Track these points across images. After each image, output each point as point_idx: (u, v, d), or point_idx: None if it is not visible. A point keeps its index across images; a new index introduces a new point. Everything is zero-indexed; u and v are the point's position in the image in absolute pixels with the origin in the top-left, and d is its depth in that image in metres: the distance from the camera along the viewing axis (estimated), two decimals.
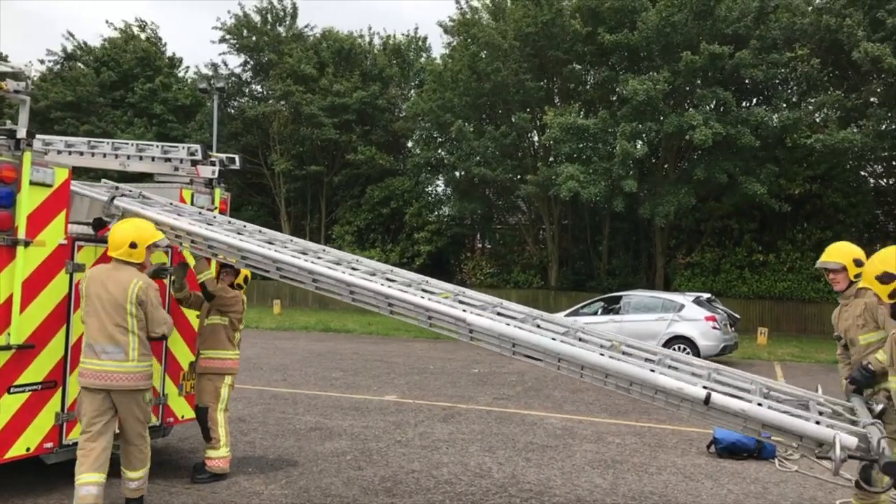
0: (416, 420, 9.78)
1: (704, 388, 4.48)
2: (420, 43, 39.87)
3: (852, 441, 3.99)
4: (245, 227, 6.60)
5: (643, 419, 10.44)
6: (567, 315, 18.33)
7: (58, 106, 37.51)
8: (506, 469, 7.41)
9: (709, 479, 7.30)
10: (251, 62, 38.27)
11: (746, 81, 26.37)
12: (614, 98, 28.51)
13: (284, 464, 7.24)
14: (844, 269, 5.21)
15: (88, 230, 6.31)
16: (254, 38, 37.32)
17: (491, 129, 29.18)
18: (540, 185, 27.59)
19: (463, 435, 8.91)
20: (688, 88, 26.03)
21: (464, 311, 5.05)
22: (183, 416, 7.08)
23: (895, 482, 3.98)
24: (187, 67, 44.28)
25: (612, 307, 18.03)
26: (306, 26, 39.01)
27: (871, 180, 29.12)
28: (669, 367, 5.02)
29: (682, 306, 17.04)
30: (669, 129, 24.36)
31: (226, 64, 38.71)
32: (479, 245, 36.94)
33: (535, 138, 31.53)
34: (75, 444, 6.08)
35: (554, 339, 4.89)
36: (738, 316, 19.26)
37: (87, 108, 38.52)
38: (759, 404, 4.34)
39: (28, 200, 5.68)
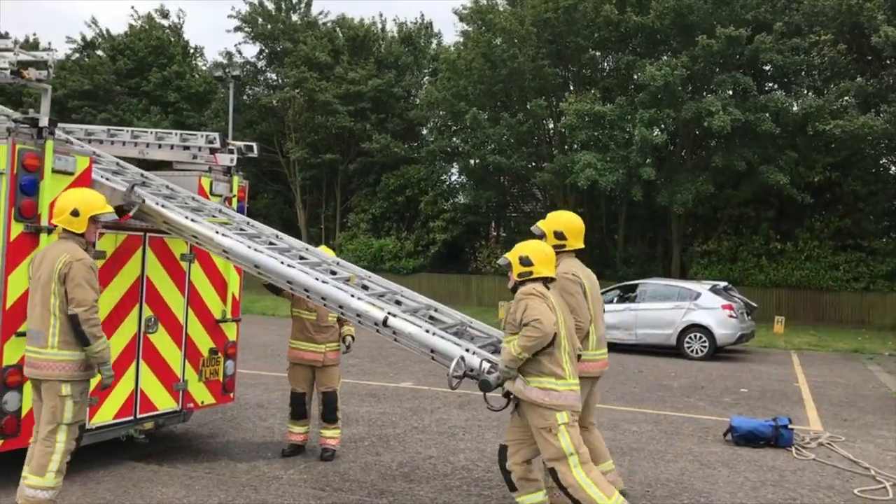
0: (433, 406, 9.83)
1: (390, 314, 5.32)
2: (427, 30, 39.73)
3: (462, 366, 4.87)
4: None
5: (659, 407, 10.45)
6: None
7: (75, 94, 37.72)
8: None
9: (725, 466, 7.30)
10: (266, 50, 38.30)
11: (766, 67, 26.06)
12: (631, 85, 28.28)
13: (303, 449, 7.30)
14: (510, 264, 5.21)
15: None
16: (269, 27, 37.32)
17: (506, 117, 29.05)
18: (556, 174, 27.46)
19: (479, 422, 8.95)
20: (706, 73, 25.76)
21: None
22: (203, 402, 7.17)
23: (508, 403, 5.02)
24: (202, 54, 44.20)
25: (628, 295, 17.98)
26: (320, 13, 38.98)
27: (893, 168, 28.77)
28: (397, 302, 5.89)
29: (699, 295, 16.95)
30: (687, 115, 24.14)
31: (241, 53, 38.80)
32: (495, 233, 36.86)
33: (551, 126, 31.38)
34: (98, 428, 6.22)
35: (318, 279, 5.66)
36: (755, 304, 19.13)
37: (104, 96, 38.74)
38: (427, 331, 5.22)
39: (50, 188, 5.74)
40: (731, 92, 25.17)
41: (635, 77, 27.14)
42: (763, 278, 27.44)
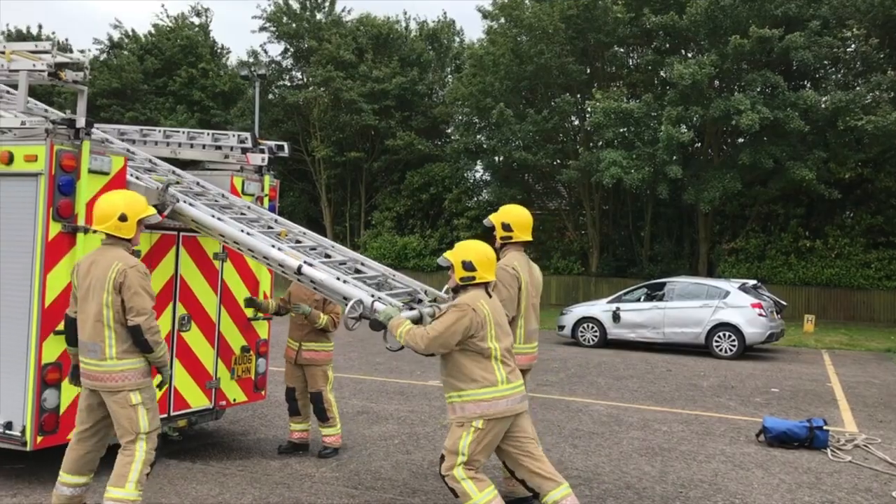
0: None
1: (305, 262, 5.58)
2: (450, 27, 39.72)
3: (357, 308, 5.08)
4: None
5: (689, 407, 10.35)
6: (609, 302, 18.23)
7: (104, 93, 38.20)
8: (552, 455, 7.39)
9: (759, 468, 7.21)
10: (291, 49, 38.51)
11: (795, 64, 25.69)
12: (657, 82, 28.04)
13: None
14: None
15: None
16: (293, 25, 37.52)
17: (532, 114, 28.93)
18: (581, 171, 27.32)
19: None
20: (735, 71, 25.44)
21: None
22: (235, 400, 7.23)
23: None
24: (229, 54, 44.58)
25: (655, 294, 17.84)
26: (343, 10, 39.11)
27: None
28: (357, 270, 6.05)
29: (728, 293, 16.78)
30: (716, 113, 23.87)
31: (266, 52, 39.05)
32: None
33: (577, 122, 31.21)
34: None
35: (243, 231, 5.95)
36: (784, 303, 18.91)
37: (132, 95, 39.20)
38: (338, 278, 5.47)
39: (87, 188, 5.81)
40: (759, 90, 24.85)
41: (661, 74, 26.90)
42: (792, 276, 27.08)
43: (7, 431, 5.61)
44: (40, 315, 5.55)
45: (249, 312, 7.26)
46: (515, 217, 5.84)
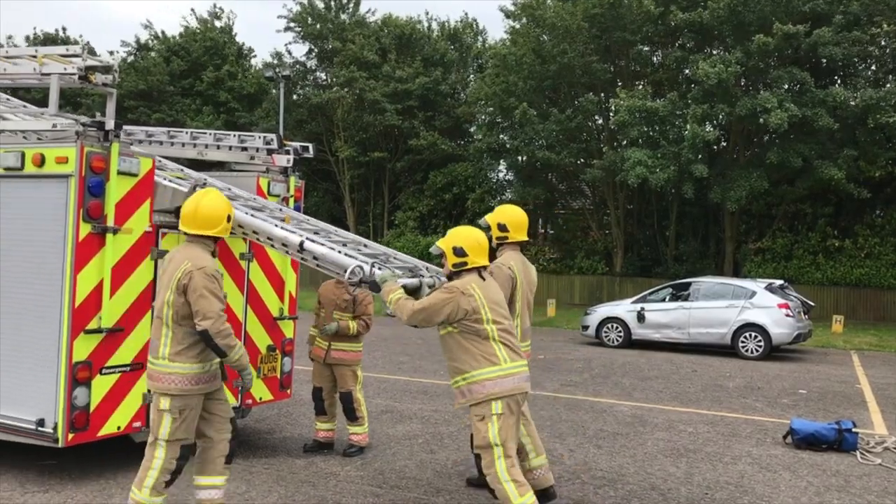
0: None
1: (307, 239, 5.73)
2: (473, 27, 39.72)
3: (358, 271, 5.17)
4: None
5: (715, 408, 10.27)
6: (634, 302, 18.13)
7: (131, 95, 38.68)
8: (577, 456, 7.39)
9: (787, 470, 7.14)
10: (315, 50, 38.74)
11: (824, 61, 25.34)
12: (682, 80, 27.81)
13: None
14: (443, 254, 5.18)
15: (172, 218, 6.51)
16: (318, 26, 37.74)
17: (555, 113, 28.85)
18: (606, 170, 27.18)
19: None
20: (761, 69, 25.14)
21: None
22: (261, 399, 7.29)
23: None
24: (254, 56, 45.01)
25: (680, 294, 17.70)
26: (368, 11, 39.28)
27: None
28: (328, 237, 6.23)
29: (754, 293, 16.61)
30: (742, 111, 23.61)
31: (290, 53, 39.31)
32: (542, 230, 36.66)
33: (601, 121, 31.05)
34: None
35: (247, 211, 6.16)
36: (812, 303, 18.67)
37: (159, 96, 39.66)
38: (339, 252, 5.59)
39: (116, 189, 5.90)
40: (787, 87, 24.54)
41: (686, 72, 26.68)
42: (820, 276, 26.72)
43: (39, 428, 5.71)
44: (71, 314, 5.65)
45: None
46: (511, 217, 5.90)
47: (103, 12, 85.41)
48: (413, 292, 5.10)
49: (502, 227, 5.84)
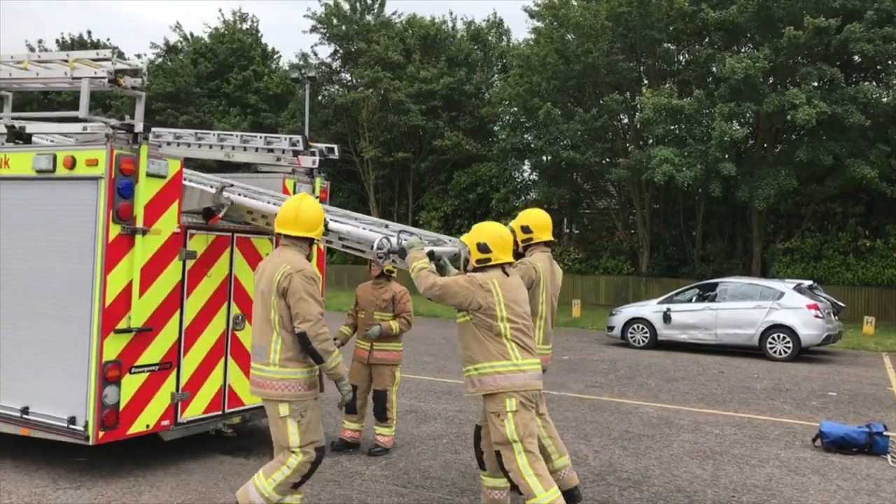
0: None
1: (332, 219, 5.82)
2: (499, 27, 39.66)
3: (385, 243, 5.32)
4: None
5: (742, 409, 10.16)
6: (660, 302, 17.99)
7: (159, 97, 39.16)
8: (602, 457, 7.36)
9: (815, 473, 7.04)
10: (340, 51, 38.94)
11: (855, 57, 24.94)
12: (709, 78, 27.53)
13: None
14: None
15: (199, 219, 6.59)
16: (343, 27, 37.94)
17: (580, 112, 28.72)
18: (631, 169, 26.98)
19: (556, 422, 8.81)
20: (790, 65, 24.81)
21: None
22: None
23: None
24: (279, 57, 45.31)
25: (707, 294, 17.54)
26: (394, 13, 39.44)
27: None
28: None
29: (783, 294, 16.40)
30: (769, 108, 23.31)
31: (316, 54, 39.57)
32: (567, 230, 36.51)
33: (626, 121, 30.84)
34: (190, 422, 6.45)
35: (269, 202, 6.38)
36: (842, 304, 18.39)
37: (186, 98, 40.11)
38: (364, 228, 5.82)
39: (145, 191, 5.99)
40: (816, 84, 24.19)
41: (713, 70, 26.41)
42: (850, 277, 26.31)
43: (71, 426, 5.81)
44: (101, 314, 5.74)
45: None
46: (534, 218, 5.94)
47: (131, 14, 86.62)
48: (440, 269, 5.24)
49: (526, 229, 5.86)
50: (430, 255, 5.16)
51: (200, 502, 5.61)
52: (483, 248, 4.92)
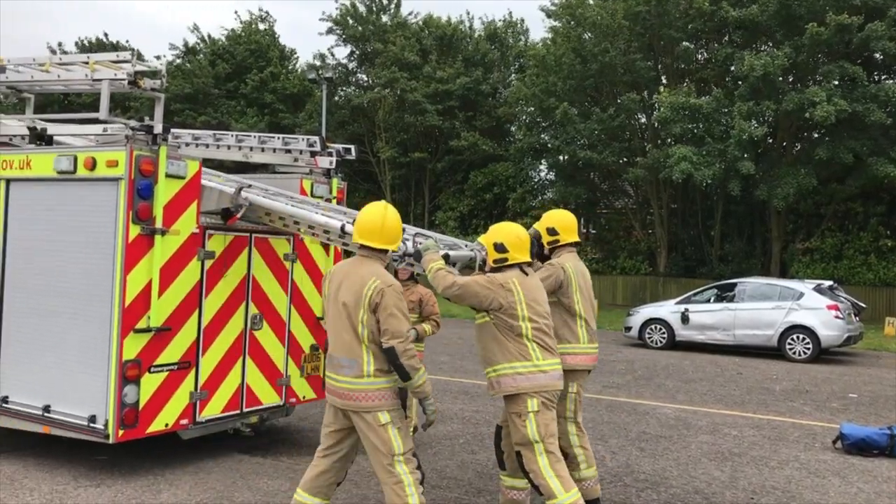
0: None
1: (346, 222, 5.80)
2: (518, 26, 39.60)
3: (400, 246, 5.10)
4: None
5: (761, 411, 10.08)
6: (678, 303, 17.88)
7: (177, 98, 39.43)
8: (619, 458, 7.33)
9: (836, 475, 6.98)
10: (357, 52, 39.05)
11: (877, 55, 24.65)
12: (728, 77, 27.34)
13: None
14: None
15: (217, 219, 6.63)
16: (359, 28, 38.04)
17: (597, 112, 28.61)
18: (649, 168, 26.83)
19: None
20: (810, 63, 24.56)
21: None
22: (304, 397, 7.40)
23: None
24: (297, 58, 45.52)
25: (725, 295, 17.41)
26: (410, 13, 39.50)
27: None
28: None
29: (802, 294, 16.25)
30: (789, 107, 23.10)
31: (333, 55, 39.69)
32: (584, 230, 36.38)
33: (644, 120, 30.70)
34: (208, 421, 6.50)
35: (287, 203, 6.44)
36: (863, 305, 18.19)
37: (204, 99, 40.37)
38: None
39: (164, 192, 6.04)
40: (836, 82, 23.93)
41: (732, 68, 26.22)
42: (872, 277, 26.00)
43: (91, 424, 5.88)
44: (121, 314, 5.80)
45: None
46: (559, 219, 5.83)
47: (146, 15, 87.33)
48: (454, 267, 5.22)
49: (552, 231, 5.75)
50: (446, 258, 5.15)
51: (218, 501, 5.64)
52: (500, 247, 4.90)
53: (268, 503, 5.64)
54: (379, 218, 4.63)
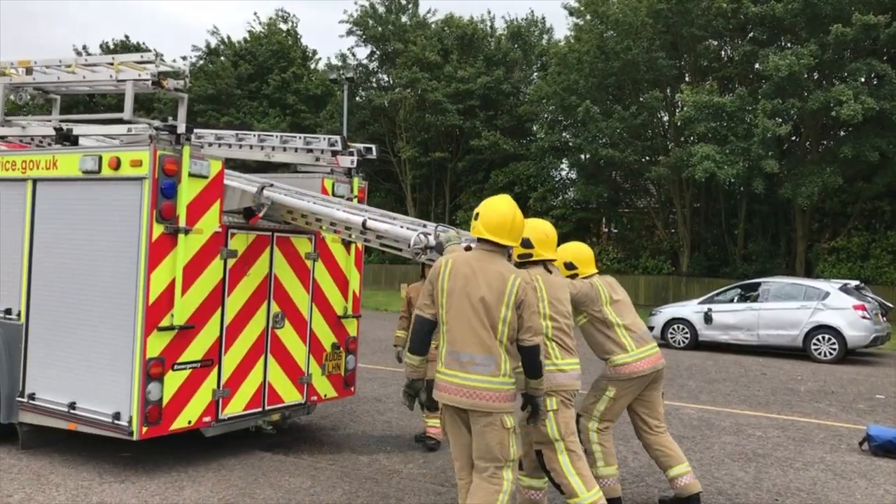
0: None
1: (369, 218, 6.02)
2: (541, 24, 39.50)
3: (421, 239, 5.48)
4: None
5: (785, 412, 9.96)
6: (701, 302, 17.73)
7: (200, 99, 39.80)
8: (641, 458, 7.27)
9: (862, 478, 6.87)
10: (377, 52, 39.16)
11: None
12: (752, 74, 27.05)
13: (420, 444, 7.43)
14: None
15: (240, 218, 6.68)
16: (379, 29, 38.15)
17: (619, 110, 28.45)
18: (672, 167, 26.62)
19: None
20: (836, 61, 24.22)
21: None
22: (326, 395, 7.43)
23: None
24: (318, 58, 45.80)
25: (749, 294, 17.23)
26: (428, 12, 39.55)
27: None
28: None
29: (828, 294, 16.03)
30: (814, 105, 22.80)
31: (353, 55, 39.84)
32: (606, 230, 36.19)
33: (666, 118, 30.48)
34: (230, 418, 6.54)
35: (309, 201, 6.54)
36: (890, 305, 17.90)
37: (226, 100, 40.71)
38: (401, 227, 5.86)
39: (187, 191, 6.09)
40: (863, 80, 23.58)
41: (756, 66, 25.94)
42: None
43: (116, 421, 5.94)
44: (145, 312, 5.85)
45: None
46: (574, 253, 5.70)
47: (168, 16, 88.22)
48: None
49: (570, 266, 5.61)
50: (468, 250, 5.14)
51: (240, 497, 5.68)
52: (525, 243, 4.84)
53: (289, 500, 5.67)
54: (510, 214, 4.42)
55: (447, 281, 4.35)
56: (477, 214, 4.46)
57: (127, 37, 45.74)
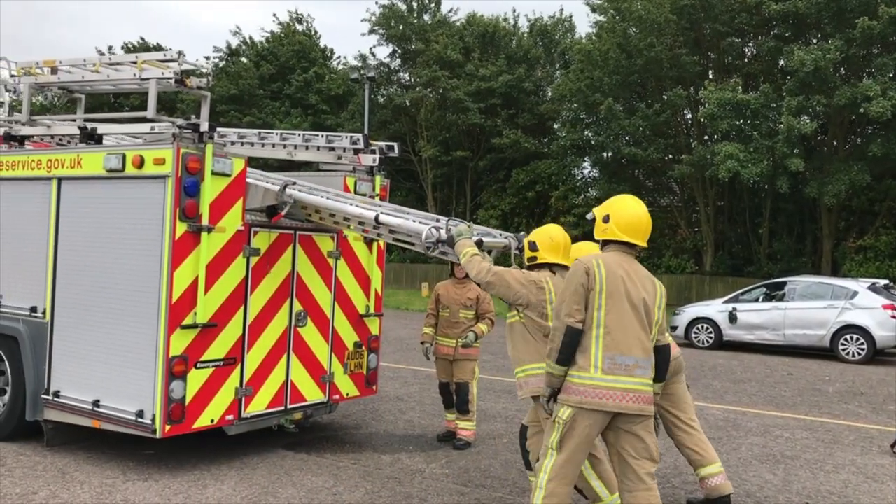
0: None
1: (381, 212, 6.03)
2: (567, 23, 39.28)
3: (433, 233, 5.46)
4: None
5: (814, 413, 9.79)
6: (725, 302, 17.52)
7: (223, 99, 40.07)
8: (667, 459, 7.16)
9: (894, 480, 6.72)
10: (399, 51, 39.18)
11: None
12: (777, 71, 26.70)
13: (443, 443, 7.38)
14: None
15: (262, 217, 6.67)
16: (401, 28, 38.16)
17: (642, 108, 28.20)
18: (695, 165, 26.35)
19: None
20: (863, 56, 23.83)
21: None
22: (348, 394, 7.40)
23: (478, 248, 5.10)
24: (339, 58, 45.94)
25: (775, 294, 16.99)
26: (450, 11, 39.48)
27: None
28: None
29: (856, 293, 15.76)
30: (841, 101, 22.44)
31: (374, 55, 39.92)
32: None
33: (690, 116, 30.18)
34: (253, 417, 6.54)
35: (323, 196, 6.58)
36: None
37: (249, 100, 40.94)
38: (414, 220, 5.88)
39: (210, 189, 6.08)
40: (891, 75, 23.17)
41: (781, 63, 25.59)
42: None
43: (139, 419, 5.95)
44: (168, 310, 5.85)
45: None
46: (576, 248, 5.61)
47: (186, 16, 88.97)
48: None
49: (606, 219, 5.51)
50: (479, 244, 5.22)
51: (262, 496, 5.67)
52: (531, 246, 5.17)
53: (311, 500, 5.64)
54: (644, 216, 4.39)
55: (602, 282, 4.20)
56: (607, 216, 4.37)
57: (143, 38, 46.18)
